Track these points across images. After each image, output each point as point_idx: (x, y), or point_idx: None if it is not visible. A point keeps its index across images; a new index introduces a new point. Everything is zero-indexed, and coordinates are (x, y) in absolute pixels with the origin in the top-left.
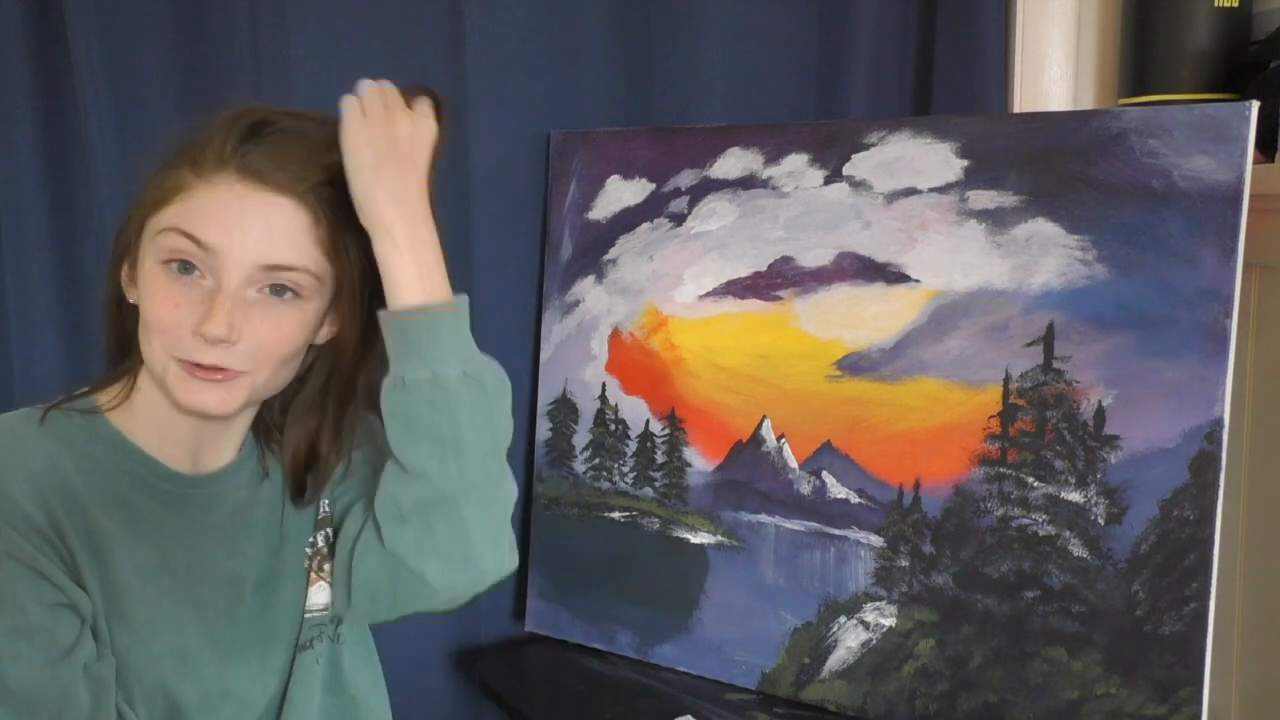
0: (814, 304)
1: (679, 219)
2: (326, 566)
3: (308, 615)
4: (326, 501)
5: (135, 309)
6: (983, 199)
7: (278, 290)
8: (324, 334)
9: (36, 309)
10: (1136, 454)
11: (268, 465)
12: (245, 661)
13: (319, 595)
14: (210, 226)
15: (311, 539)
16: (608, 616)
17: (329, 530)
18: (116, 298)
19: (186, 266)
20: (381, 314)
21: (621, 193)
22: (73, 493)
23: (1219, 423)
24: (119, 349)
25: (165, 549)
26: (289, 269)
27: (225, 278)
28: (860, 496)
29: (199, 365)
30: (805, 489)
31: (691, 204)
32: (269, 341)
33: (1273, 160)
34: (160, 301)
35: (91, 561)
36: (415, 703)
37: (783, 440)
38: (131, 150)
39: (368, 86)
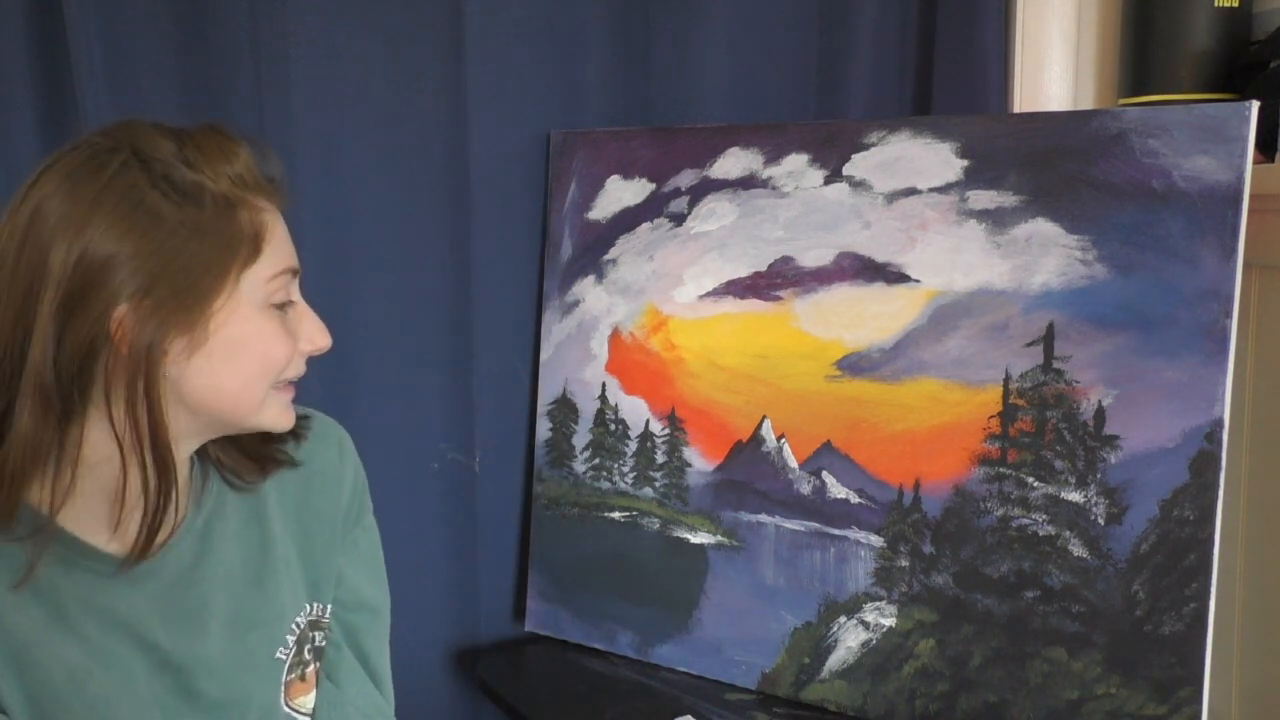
0: (814, 304)
1: (679, 219)
2: (310, 671)
3: (295, 716)
4: (318, 606)
5: (93, 365)
6: (983, 199)
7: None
8: None
9: None
10: (1136, 454)
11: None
12: None
13: (308, 700)
14: (290, 251)
15: (291, 639)
16: (608, 616)
17: (324, 633)
18: (74, 348)
19: (284, 305)
20: None
21: (621, 193)
22: None
23: (1219, 423)
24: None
25: (92, 644)
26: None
27: (297, 292)
28: (860, 496)
29: (287, 384)
30: (805, 489)
31: (691, 204)
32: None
33: (1273, 160)
34: (274, 340)
35: (14, 672)
36: (415, 703)
37: (783, 440)
38: None
39: None
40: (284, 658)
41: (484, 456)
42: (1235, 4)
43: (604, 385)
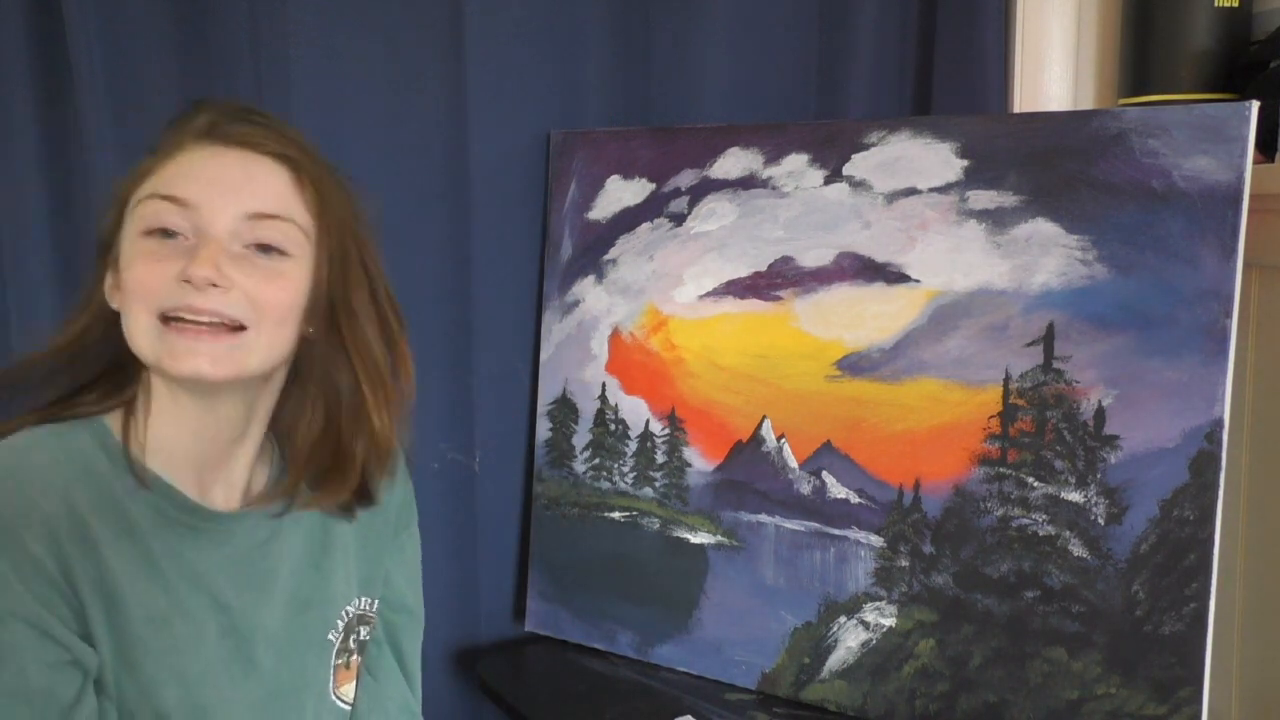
0: (814, 304)
1: (679, 219)
2: (354, 660)
3: (339, 704)
4: (367, 601)
5: (116, 318)
6: (983, 199)
7: (264, 249)
8: (314, 324)
9: (37, 309)
10: (1136, 454)
11: (293, 508)
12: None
13: (350, 690)
14: (188, 184)
15: (340, 624)
16: (608, 616)
17: (369, 628)
18: (90, 306)
19: (168, 233)
20: None
21: (621, 193)
22: (86, 533)
23: (1219, 423)
24: (112, 369)
25: (174, 594)
26: (275, 217)
27: (209, 229)
28: (860, 496)
29: (187, 323)
30: (805, 489)
31: (691, 204)
32: (263, 293)
33: (1273, 160)
34: (142, 264)
35: (102, 609)
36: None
37: (783, 440)
38: (131, 150)
39: None
40: (334, 640)
41: (484, 456)
42: (1235, 4)
43: (604, 385)
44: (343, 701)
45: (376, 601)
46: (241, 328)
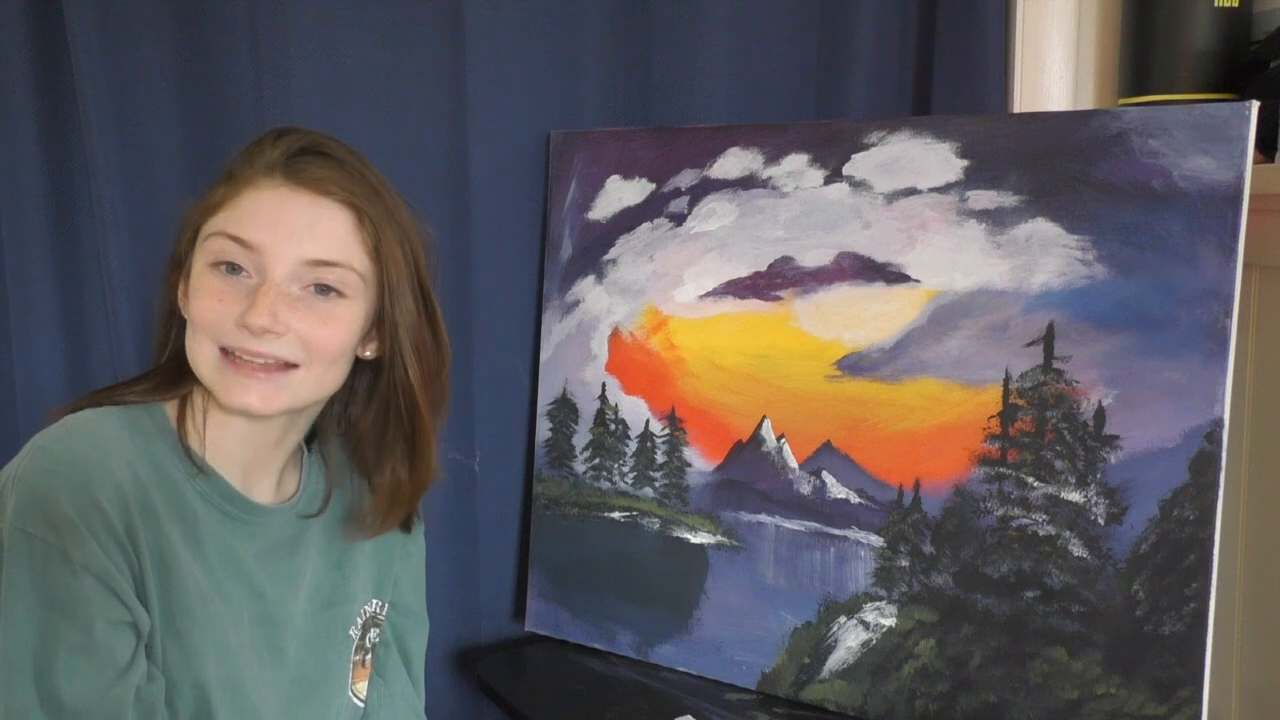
0: (814, 304)
1: (679, 219)
2: (368, 659)
3: (354, 701)
4: (379, 603)
5: (185, 323)
6: (983, 199)
7: (322, 290)
8: (370, 350)
9: (37, 308)
10: (1136, 454)
11: (325, 503)
12: (293, 704)
13: (364, 688)
14: (253, 225)
15: (359, 622)
16: (608, 616)
17: (379, 630)
18: (171, 313)
19: (234, 268)
20: None
21: (621, 193)
22: (148, 501)
23: (1219, 423)
24: (173, 363)
25: (215, 575)
26: (333, 265)
27: (270, 273)
28: (860, 496)
29: (243, 360)
30: (805, 489)
31: (691, 204)
32: (316, 336)
33: (1273, 160)
34: (206, 297)
35: (158, 575)
36: None
37: (783, 440)
38: (131, 151)
39: None
40: (354, 637)
41: (484, 456)
42: (1235, 4)
43: (604, 385)
44: (358, 699)
45: (386, 605)
46: (294, 365)
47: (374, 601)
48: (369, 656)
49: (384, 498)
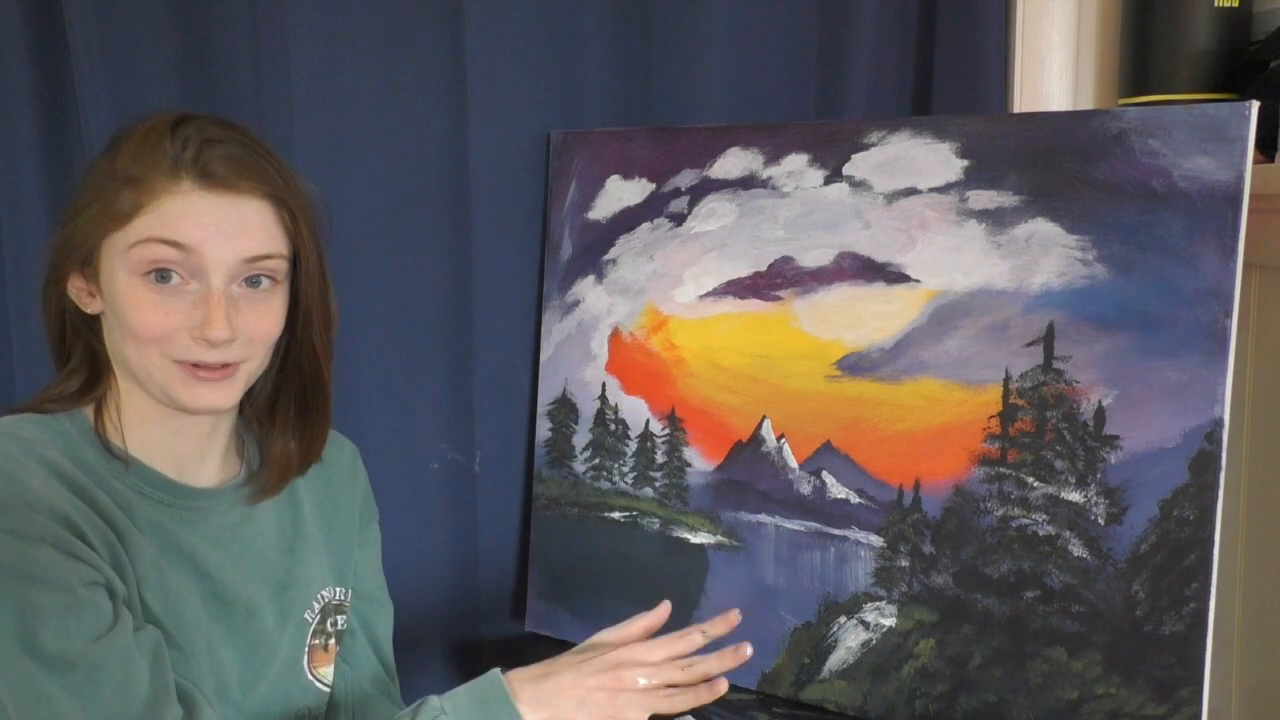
0: (814, 304)
1: (679, 219)
2: (331, 644)
3: (317, 685)
4: (340, 590)
5: (88, 320)
6: (983, 199)
7: (253, 281)
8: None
9: (36, 308)
10: (1136, 454)
11: (261, 487)
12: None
13: (329, 672)
14: (189, 229)
15: (317, 606)
16: (608, 616)
17: (344, 617)
18: (63, 318)
19: (164, 275)
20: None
21: (621, 193)
22: (80, 485)
23: (1219, 423)
24: (84, 366)
25: (162, 559)
26: (266, 257)
27: (211, 277)
28: (860, 496)
29: (202, 366)
30: (805, 489)
31: (691, 204)
32: (260, 330)
33: (1273, 160)
34: (149, 312)
35: (107, 546)
36: (414, 702)
37: (783, 440)
38: None
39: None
40: (310, 620)
41: (484, 456)
42: (1235, 4)
43: (604, 385)
44: (321, 683)
45: (350, 592)
46: (242, 363)
47: (335, 589)
48: (332, 642)
49: (276, 468)
